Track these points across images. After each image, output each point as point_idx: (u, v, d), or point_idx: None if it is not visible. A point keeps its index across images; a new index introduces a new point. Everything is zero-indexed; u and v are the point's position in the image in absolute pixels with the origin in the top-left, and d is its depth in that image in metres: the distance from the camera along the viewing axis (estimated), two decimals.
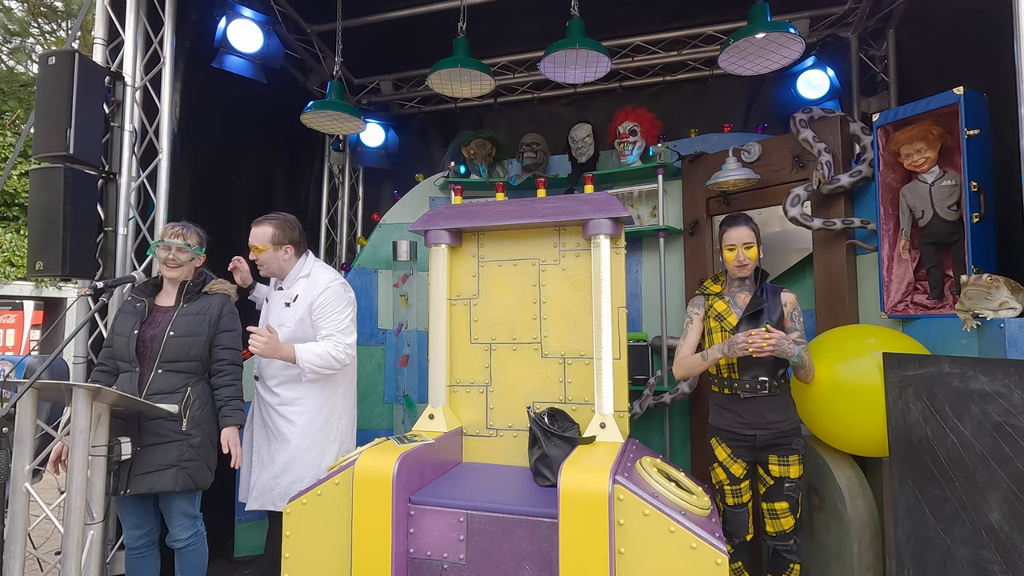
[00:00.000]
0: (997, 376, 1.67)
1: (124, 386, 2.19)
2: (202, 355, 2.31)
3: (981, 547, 1.71)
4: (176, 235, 2.29)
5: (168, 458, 2.20)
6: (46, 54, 2.46)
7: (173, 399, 2.22)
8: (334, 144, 4.56)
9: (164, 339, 2.23)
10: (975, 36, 2.45)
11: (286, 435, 2.55)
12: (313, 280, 2.58)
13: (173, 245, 2.27)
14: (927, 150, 2.36)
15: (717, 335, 2.32)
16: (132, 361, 2.23)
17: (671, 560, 1.80)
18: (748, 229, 2.29)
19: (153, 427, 2.19)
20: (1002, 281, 1.89)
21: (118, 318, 2.31)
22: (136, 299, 2.32)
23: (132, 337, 2.23)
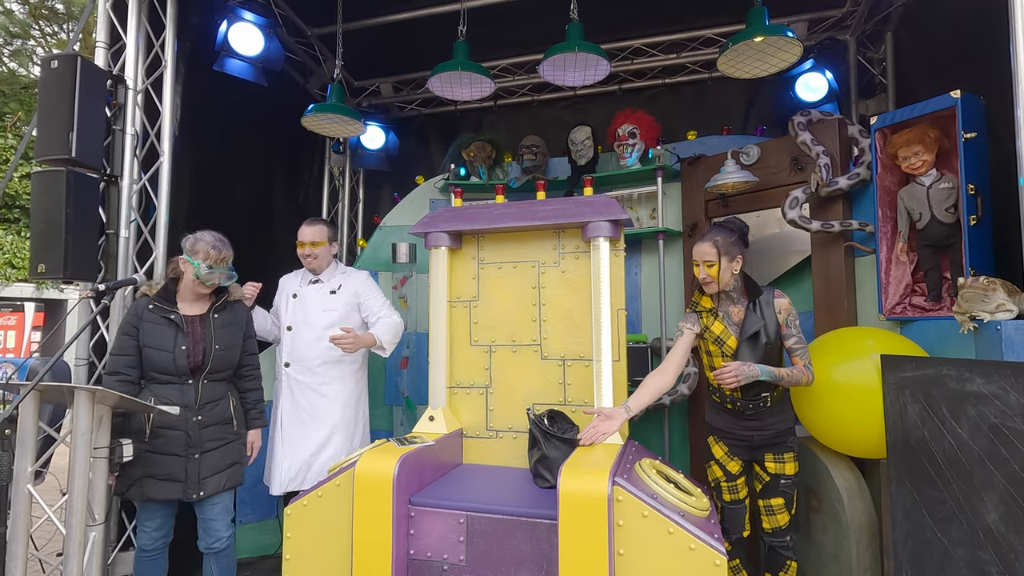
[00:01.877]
0: (993, 378, 1.69)
1: (174, 398, 2.22)
2: (238, 362, 2.41)
3: (978, 548, 1.72)
4: (223, 260, 2.30)
5: (229, 459, 2.32)
6: (48, 57, 2.48)
7: (220, 407, 2.32)
8: (334, 146, 4.57)
9: (212, 354, 2.28)
10: (973, 39, 2.47)
11: (325, 414, 2.82)
12: (351, 275, 2.99)
13: (217, 271, 2.28)
14: (924, 153, 2.37)
15: (718, 359, 2.29)
16: (183, 375, 2.24)
17: (670, 561, 1.81)
18: (710, 245, 2.22)
19: (211, 433, 2.28)
20: (999, 283, 1.90)
21: (146, 330, 2.24)
22: (163, 309, 2.27)
23: (180, 353, 2.23)
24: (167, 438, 2.22)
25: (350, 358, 2.89)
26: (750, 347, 2.23)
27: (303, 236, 2.93)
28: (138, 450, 2.14)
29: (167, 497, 2.21)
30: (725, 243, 2.22)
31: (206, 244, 2.27)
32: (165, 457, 2.21)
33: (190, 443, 2.23)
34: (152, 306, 2.27)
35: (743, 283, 2.30)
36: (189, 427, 2.24)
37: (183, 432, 2.23)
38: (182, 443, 2.22)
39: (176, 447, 2.22)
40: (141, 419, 2.19)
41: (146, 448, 2.19)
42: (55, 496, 2.43)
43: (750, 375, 2.10)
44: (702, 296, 2.36)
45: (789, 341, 2.23)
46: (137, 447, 2.13)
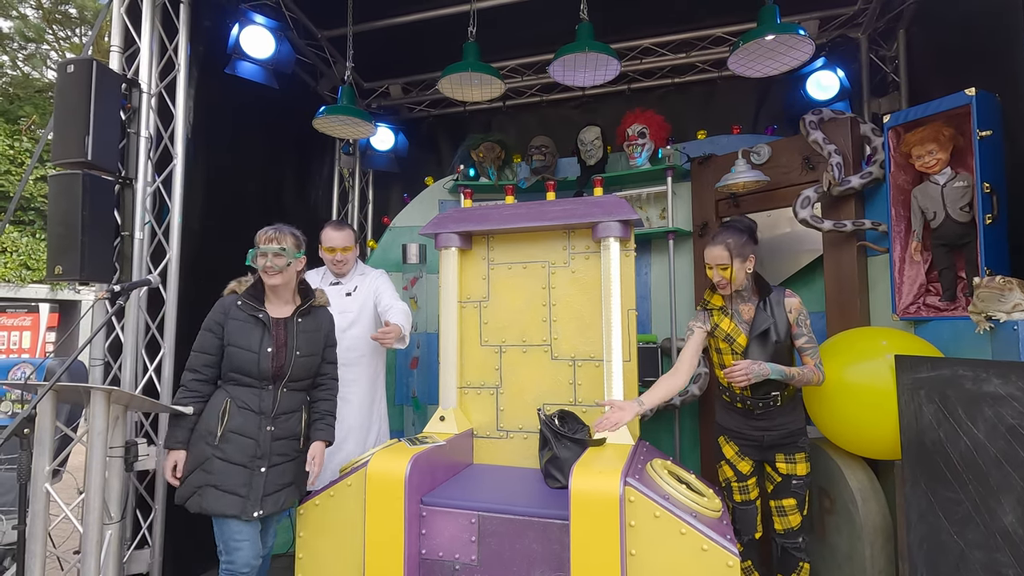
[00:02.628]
0: (1011, 378, 1.67)
1: (252, 403, 2.08)
2: (316, 372, 2.25)
3: (995, 550, 1.70)
4: (270, 240, 2.13)
5: (290, 477, 2.17)
6: (65, 62, 2.51)
7: (293, 420, 2.16)
8: (344, 148, 4.60)
9: (293, 360, 2.13)
10: (986, 36, 2.44)
11: (342, 415, 2.75)
12: (368, 275, 3.01)
13: (269, 251, 2.11)
14: (939, 151, 2.35)
15: (728, 357, 2.29)
16: (264, 379, 2.10)
17: (682, 562, 1.80)
18: (722, 248, 2.21)
19: (281, 447, 2.13)
20: (1015, 283, 1.88)
21: (232, 328, 2.11)
22: (251, 307, 2.13)
23: (265, 355, 2.09)
24: (237, 445, 2.04)
25: (366, 361, 2.90)
26: (760, 345, 2.22)
27: (334, 241, 2.90)
28: (205, 453, 2.01)
29: (225, 512, 2.01)
30: (736, 244, 2.22)
31: (261, 231, 2.16)
32: (230, 467, 2.03)
33: (258, 454, 2.06)
34: (240, 303, 2.13)
35: (754, 282, 2.31)
36: (261, 436, 2.07)
37: (254, 441, 2.06)
38: (250, 453, 2.05)
39: (243, 456, 2.05)
40: (214, 419, 2.05)
41: (213, 453, 2.03)
42: (72, 494, 2.47)
43: (761, 373, 2.09)
44: (713, 294, 2.36)
45: (800, 340, 2.22)
46: (204, 450, 2.02)
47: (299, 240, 2.24)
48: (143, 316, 2.78)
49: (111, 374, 2.69)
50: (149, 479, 2.74)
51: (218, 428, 2.03)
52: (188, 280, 2.96)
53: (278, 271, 2.12)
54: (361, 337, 2.89)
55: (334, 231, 2.93)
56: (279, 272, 2.13)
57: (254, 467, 2.05)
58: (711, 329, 2.32)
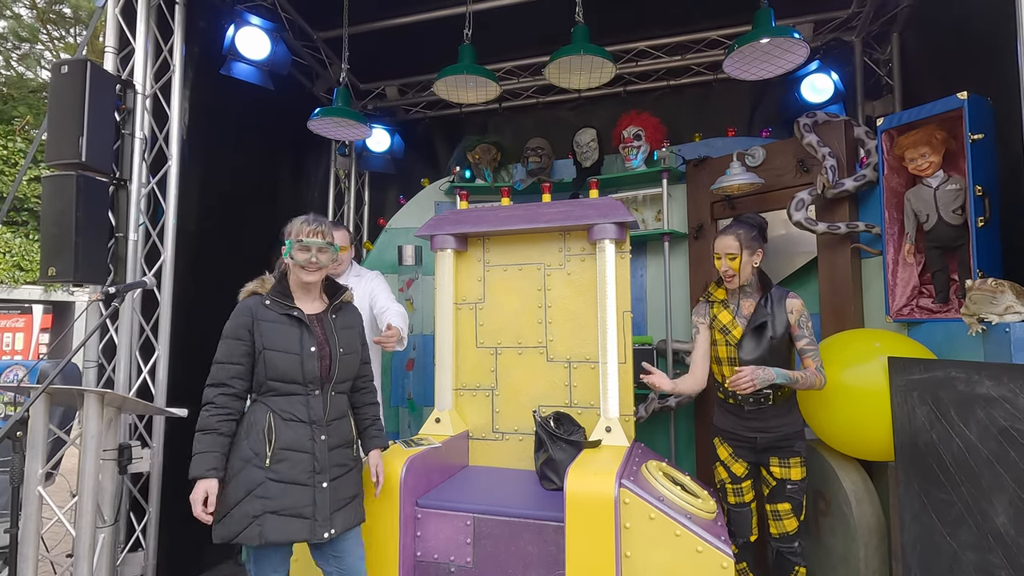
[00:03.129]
0: (1002, 380, 1.68)
1: (299, 412, 1.81)
2: (356, 373, 2.02)
3: (988, 551, 1.71)
4: (315, 232, 1.88)
5: (353, 489, 1.91)
6: (59, 63, 2.50)
7: (344, 426, 1.92)
8: (340, 149, 4.59)
9: (338, 359, 1.89)
10: (979, 40, 2.46)
11: None
12: (363, 276, 2.92)
13: (314, 245, 1.87)
14: (931, 154, 2.37)
15: (722, 348, 2.31)
16: (311, 383, 1.83)
17: (677, 563, 1.81)
18: (733, 238, 2.26)
19: (337, 456, 1.87)
20: (1007, 285, 1.89)
21: (265, 331, 1.83)
22: (283, 304, 1.87)
23: (309, 355, 1.83)
24: (292, 462, 1.77)
25: None
26: (754, 339, 2.24)
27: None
28: (256, 477, 1.73)
29: (292, 539, 1.75)
30: (747, 237, 2.26)
31: (297, 221, 1.91)
32: (289, 487, 1.75)
33: (317, 468, 1.80)
34: (269, 301, 1.87)
35: (759, 279, 2.32)
36: (316, 448, 1.81)
37: (309, 455, 1.79)
38: (307, 468, 1.78)
39: (301, 474, 1.78)
40: (259, 438, 1.77)
41: (267, 476, 1.75)
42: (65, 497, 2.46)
43: (766, 379, 2.07)
44: (718, 288, 2.39)
45: (801, 342, 2.22)
46: (254, 474, 1.74)
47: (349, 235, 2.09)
48: (137, 318, 2.77)
49: (105, 376, 2.68)
50: (143, 481, 2.73)
51: (267, 448, 1.76)
52: (183, 282, 2.95)
53: (320, 267, 1.90)
54: None
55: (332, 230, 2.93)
56: (320, 269, 1.90)
57: (315, 483, 1.79)
58: (710, 321, 2.35)
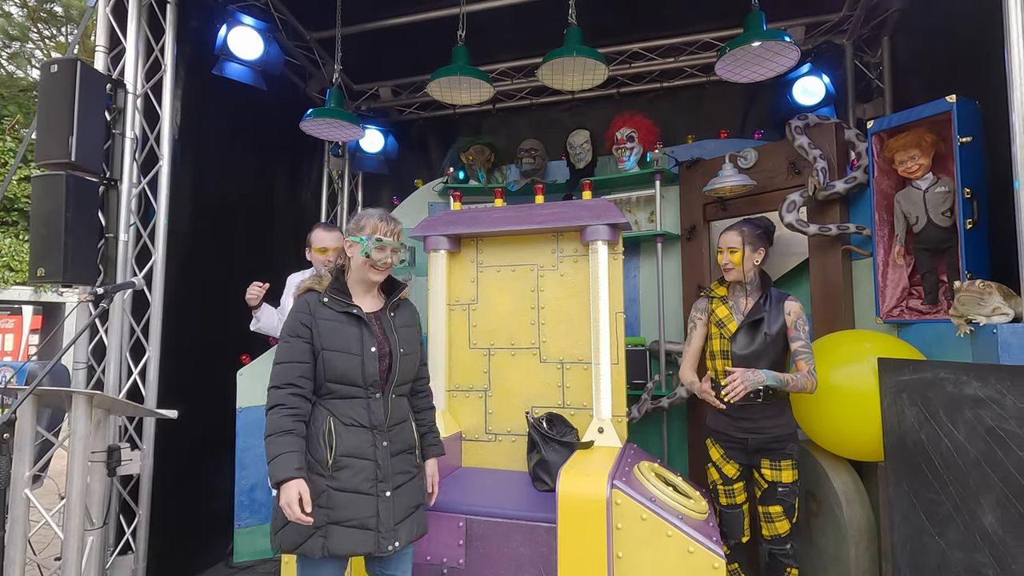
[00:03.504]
0: (990, 381, 1.70)
1: (360, 416, 1.71)
2: (416, 375, 1.90)
3: (975, 550, 1.72)
4: (393, 233, 1.79)
5: (416, 498, 1.80)
6: (48, 62, 2.48)
7: (405, 430, 1.81)
8: (333, 150, 4.58)
9: (399, 359, 1.78)
10: (968, 44, 2.48)
11: None
12: None
13: (389, 245, 1.78)
14: (921, 157, 2.39)
15: (716, 341, 2.35)
16: (372, 386, 1.72)
17: (669, 564, 1.81)
18: (736, 233, 2.34)
19: (399, 464, 1.77)
20: (995, 287, 1.91)
21: (324, 330, 1.71)
22: (342, 302, 1.76)
23: (370, 356, 1.72)
24: (355, 469, 1.67)
25: None
26: (749, 334, 2.26)
27: (326, 242, 2.85)
28: (318, 486, 1.64)
29: (356, 551, 1.65)
30: (751, 234, 2.32)
31: (373, 217, 1.80)
32: (353, 496, 1.66)
33: (380, 476, 1.70)
34: (327, 299, 1.75)
35: (760, 279, 2.36)
36: (379, 455, 1.71)
37: (371, 462, 1.69)
38: (370, 476, 1.69)
39: (364, 482, 1.68)
40: (319, 444, 1.67)
41: (329, 484, 1.65)
42: (53, 500, 2.44)
43: (756, 381, 2.06)
44: (720, 285, 2.44)
45: (796, 344, 2.23)
46: (316, 482, 1.64)
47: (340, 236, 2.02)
48: (128, 319, 2.75)
49: (94, 378, 2.66)
50: (133, 484, 2.71)
51: (328, 455, 1.66)
52: (174, 282, 2.94)
53: (390, 267, 1.82)
54: None
55: (325, 232, 2.91)
56: (389, 268, 1.82)
57: (378, 492, 1.69)
58: (707, 317, 2.40)
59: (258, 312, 2.95)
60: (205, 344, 3.20)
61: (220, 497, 3.23)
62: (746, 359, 2.25)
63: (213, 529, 3.24)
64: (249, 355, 3.33)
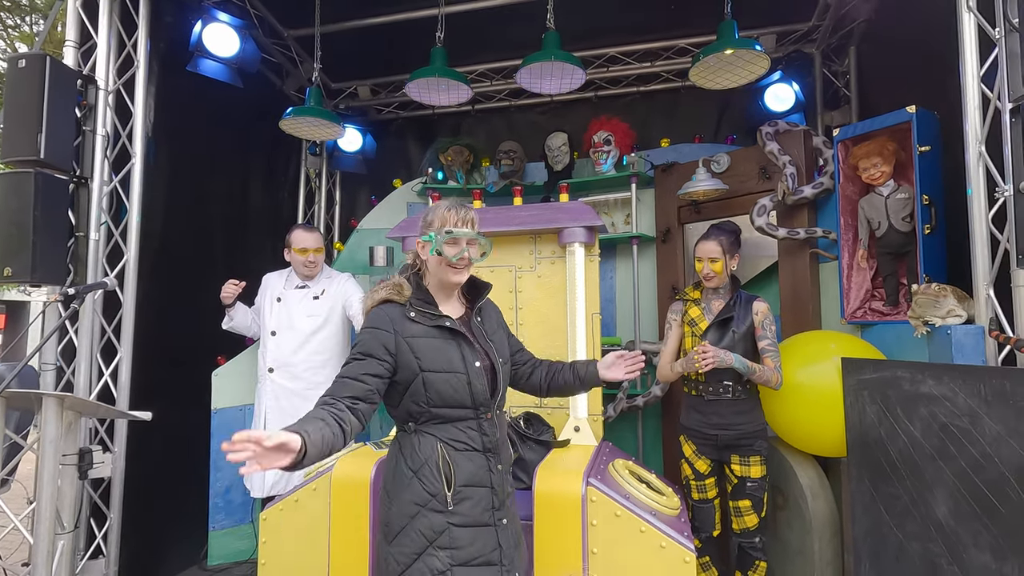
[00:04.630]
0: (943, 380, 1.78)
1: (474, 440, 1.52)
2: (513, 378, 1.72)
3: (930, 541, 1.81)
4: (464, 221, 1.56)
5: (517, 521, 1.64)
6: (16, 57, 2.43)
7: (507, 447, 1.65)
8: (311, 148, 4.54)
9: (500, 369, 1.58)
10: (928, 56, 2.58)
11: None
12: (335, 278, 3.01)
13: (464, 237, 1.55)
14: (883, 164, 2.49)
15: (688, 340, 2.43)
16: (482, 405, 1.52)
17: (642, 559, 1.86)
18: (716, 243, 2.39)
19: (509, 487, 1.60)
20: (949, 290, 2.01)
21: (420, 349, 1.48)
22: (431, 315, 1.54)
23: (476, 373, 1.51)
24: (474, 500, 1.49)
25: (334, 363, 2.91)
26: (718, 332, 2.36)
27: (306, 243, 2.90)
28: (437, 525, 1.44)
29: None
30: (728, 243, 2.41)
31: (440, 208, 1.59)
32: (476, 531, 1.48)
33: (496, 504, 1.52)
34: (414, 313, 1.52)
35: (730, 283, 2.46)
36: (494, 480, 1.52)
37: (488, 489, 1.51)
38: (488, 505, 1.51)
39: (483, 513, 1.50)
40: (434, 475, 1.47)
41: (449, 521, 1.45)
42: (21, 504, 2.38)
43: (724, 360, 2.18)
44: (695, 289, 2.52)
45: (763, 343, 2.32)
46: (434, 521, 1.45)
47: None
48: (98, 319, 2.70)
49: (64, 379, 2.61)
50: (104, 487, 2.66)
51: (445, 487, 1.46)
52: (147, 282, 2.89)
53: (469, 264, 1.57)
54: (329, 340, 2.91)
55: (306, 232, 2.94)
56: (469, 266, 1.58)
57: (495, 522, 1.51)
58: (681, 318, 2.49)
59: (232, 311, 2.94)
60: (179, 345, 3.15)
61: (194, 499, 3.19)
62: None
63: (187, 532, 3.20)
64: (224, 356, 3.29)
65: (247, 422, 3.25)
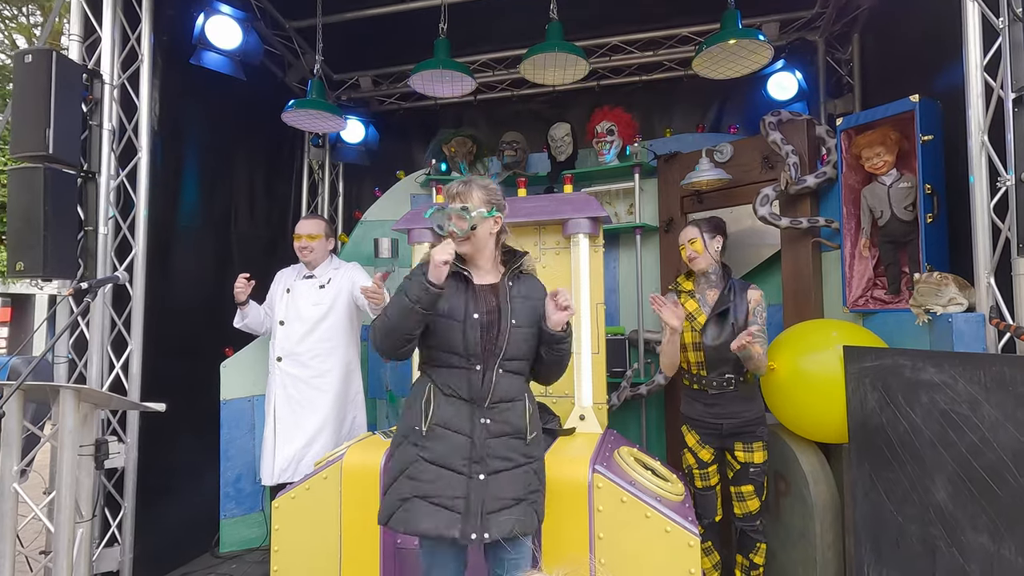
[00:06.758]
0: (944, 367, 1.82)
1: (460, 388, 1.63)
2: (534, 353, 1.76)
3: (929, 525, 1.85)
4: (453, 196, 1.68)
5: (517, 490, 1.63)
6: (22, 52, 2.43)
7: (514, 412, 1.68)
8: (313, 140, 4.54)
9: (509, 331, 1.65)
10: (930, 46, 2.58)
11: (318, 405, 2.87)
12: (342, 268, 3.05)
13: (451, 212, 1.66)
14: (885, 154, 2.50)
15: (687, 334, 2.45)
16: (472, 356, 1.63)
17: (647, 543, 1.91)
18: (692, 226, 2.51)
19: (499, 447, 1.63)
20: (951, 279, 2.03)
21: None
22: (457, 267, 1.67)
23: (471, 323, 1.63)
24: (447, 444, 1.59)
25: (340, 351, 2.95)
26: (718, 325, 2.39)
27: (300, 229, 2.98)
28: (410, 455, 1.57)
29: (439, 532, 1.54)
30: (706, 225, 2.48)
31: (448, 185, 1.74)
32: (442, 472, 1.58)
33: (474, 456, 1.59)
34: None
35: (722, 271, 2.48)
36: (476, 432, 1.60)
37: (467, 439, 1.60)
38: (464, 454, 1.59)
39: (456, 459, 1.59)
40: (417, 410, 1.63)
41: (419, 454, 1.59)
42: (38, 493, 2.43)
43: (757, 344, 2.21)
44: (686, 280, 2.55)
45: (752, 328, 2.33)
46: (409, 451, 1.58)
47: (493, 194, 1.72)
48: (109, 312, 2.73)
49: (76, 372, 2.65)
50: (118, 476, 2.71)
51: (423, 421, 1.60)
52: (156, 275, 2.92)
53: (463, 237, 1.66)
54: (335, 327, 2.94)
55: (304, 219, 3.03)
56: (465, 239, 1.67)
57: (471, 473, 1.58)
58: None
59: (245, 308, 2.97)
60: (188, 336, 3.19)
61: (205, 488, 3.25)
62: (717, 349, 2.36)
63: (198, 520, 3.26)
64: (232, 347, 3.33)
65: (256, 412, 3.30)
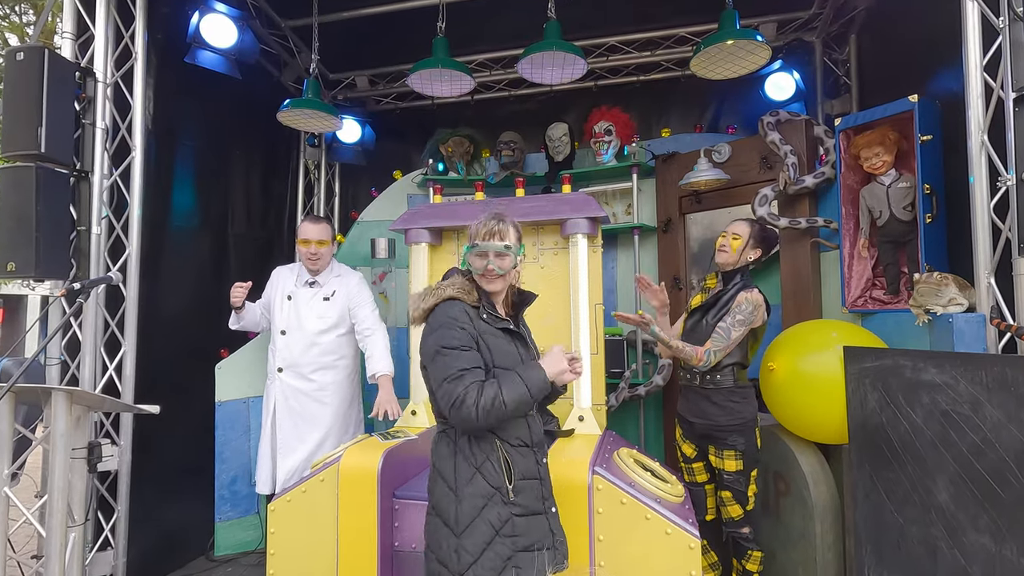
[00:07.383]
0: (945, 367, 1.81)
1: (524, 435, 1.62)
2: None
3: (930, 525, 1.85)
4: (491, 234, 1.64)
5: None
6: (13, 50, 2.40)
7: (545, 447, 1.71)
8: (309, 140, 4.51)
9: None
10: (929, 46, 2.58)
11: (319, 417, 2.86)
12: (344, 278, 2.97)
13: (490, 250, 1.63)
14: (884, 154, 2.49)
15: (682, 324, 2.54)
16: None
17: (647, 545, 1.89)
18: (747, 225, 2.42)
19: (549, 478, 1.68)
20: (951, 279, 2.03)
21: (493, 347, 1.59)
22: (497, 318, 1.65)
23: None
24: (528, 492, 1.60)
25: (343, 364, 2.94)
26: (696, 316, 2.44)
27: (309, 234, 2.87)
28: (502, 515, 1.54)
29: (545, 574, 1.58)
30: (759, 233, 2.41)
31: (475, 222, 1.68)
32: (531, 519, 1.59)
33: (544, 494, 1.64)
34: (487, 315, 1.63)
35: (738, 275, 2.38)
36: (541, 472, 1.64)
37: (537, 480, 1.62)
38: (539, 495, 1.62)
39: (536, 501, 1.61)
40: (495, 469, 1.56)
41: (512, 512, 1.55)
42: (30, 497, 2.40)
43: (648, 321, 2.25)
44: (713, 278, 2.54)
45: (719, 323, 2.30)
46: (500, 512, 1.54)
47: (519, 231, 1.73)
48: (102, 313, 2.70)
49: (68, 373, 2.61)
50: (111, 480, 2.68)
51: (506, 480, 1.56)
52: (149, 275, 2.89)
53: (500, 275, 1.65)
54: (338, 341, 2.92)
55: (311, 224, 2.91)
56: (501, 276, 1.65)
57: (546, 510, 1.63)
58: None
59: (241, 312, 2.91)
60: (182, 338, 3.16)
61: (200, 491, 3.21)
62: (687, 335, 2.43)
63: (193, 523, 3.22)
64: (228, 349, 3.30)
65: (251, 414, 3.27)
